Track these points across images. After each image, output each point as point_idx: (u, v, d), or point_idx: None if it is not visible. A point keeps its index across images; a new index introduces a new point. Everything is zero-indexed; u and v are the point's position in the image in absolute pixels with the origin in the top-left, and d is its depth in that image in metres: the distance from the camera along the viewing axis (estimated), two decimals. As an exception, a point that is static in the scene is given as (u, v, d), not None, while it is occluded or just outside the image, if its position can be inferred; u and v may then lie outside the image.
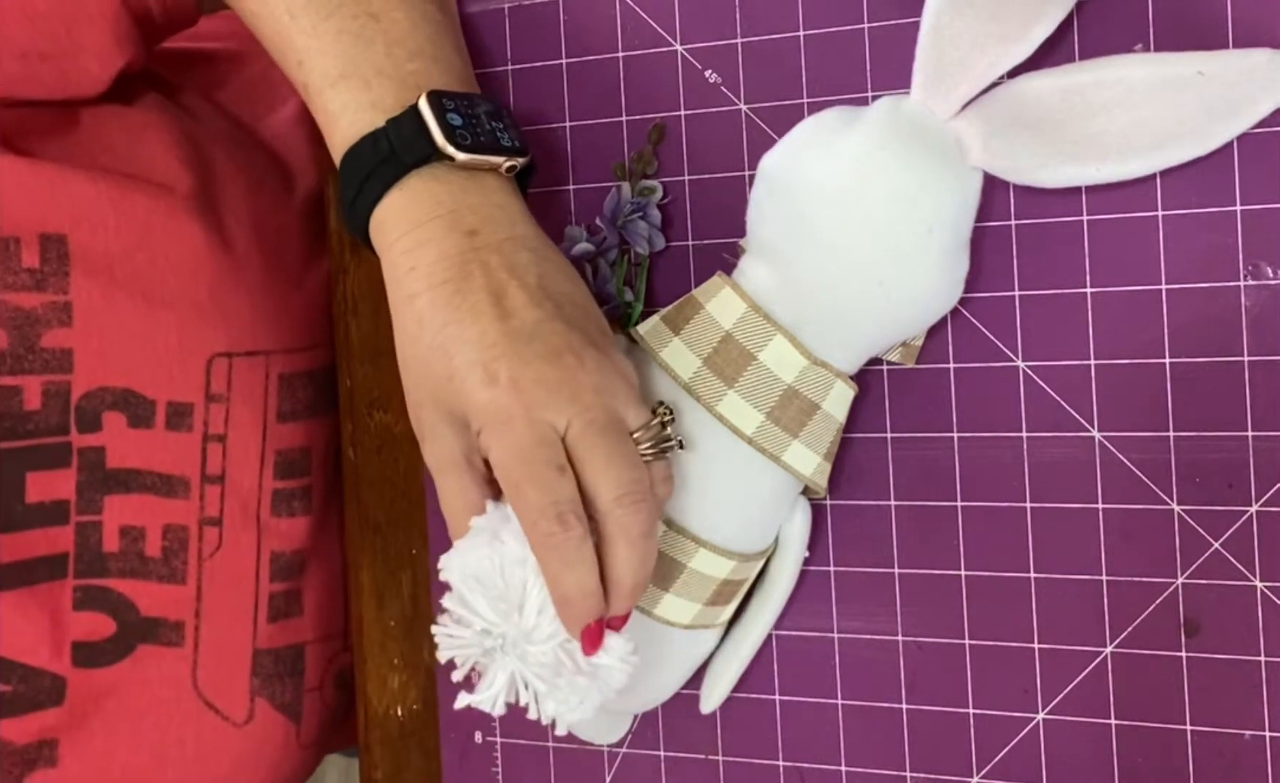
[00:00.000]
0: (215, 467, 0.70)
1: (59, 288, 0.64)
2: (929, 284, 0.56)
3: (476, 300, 0.53)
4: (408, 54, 0.58)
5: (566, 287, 0.56)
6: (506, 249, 0.55)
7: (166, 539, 0.68)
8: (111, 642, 0.66)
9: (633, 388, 0.54)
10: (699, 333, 0.58)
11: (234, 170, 0.74)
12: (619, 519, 0.51)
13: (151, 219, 0.67)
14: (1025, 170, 0.55)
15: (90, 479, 0.66)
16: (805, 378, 0.57)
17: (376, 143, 0.56)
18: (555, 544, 0.50)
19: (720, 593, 0.61)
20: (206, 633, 0.69)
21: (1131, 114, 0.53)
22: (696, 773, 0.67)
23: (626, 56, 0.66)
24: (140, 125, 0.71)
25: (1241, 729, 0.57)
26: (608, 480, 0.51)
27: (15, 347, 0.64)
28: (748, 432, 0.57)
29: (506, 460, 0.51)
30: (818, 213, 0.56)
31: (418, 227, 0.55)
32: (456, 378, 0.52)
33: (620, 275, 0.65)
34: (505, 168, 0.57)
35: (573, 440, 0.52)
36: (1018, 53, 0.54)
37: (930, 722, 0.62)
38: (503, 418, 0.51)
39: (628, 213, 0.64)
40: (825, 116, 0.57)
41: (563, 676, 0.52)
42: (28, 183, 0.65)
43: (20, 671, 0.65)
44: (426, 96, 0.56)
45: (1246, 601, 0.57)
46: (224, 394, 0.69)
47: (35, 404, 0.64)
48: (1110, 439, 0.58)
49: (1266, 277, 0.56)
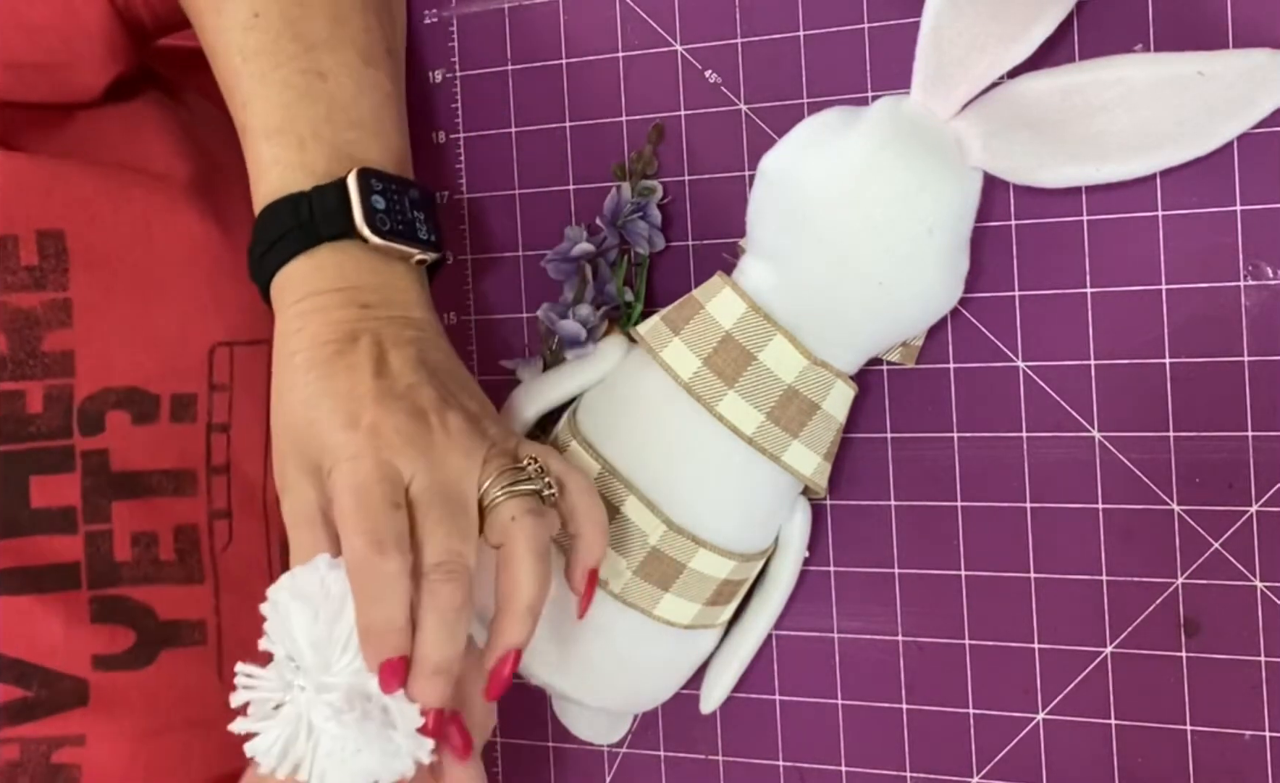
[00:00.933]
0: (220, 457, 0.70)
1: (58, 285, 0.64)
2: (929, 284, 0.56)
3: (355, 360, 0.54)
4: (349, 122, 0.59)
5: (448, 364, 0.57)
6: (396, 325, 0.56)
7: (179, 541, 0.68)
8: (132, 653, 0.66)
9: (493, 445, 0.54)
10: (699, 333, 0.58)
11: (232, 160, 0.74)
12: (432, 586, 0.50)
13: (149, 211, 0.67)
14: (1025, 170, 0.55)
15: (95, 484, 0.66)
16: (805, 378, 0.57)
17: (297, 207, 0.57)
18: (369, 571, 0.50)
19: (720, 593, 0.61)
20: (228, 627, 0.69)
21: (1132, 114, 0.53)
22: (696, 773, 0.67)
23: (626, 57, 0.66)
24: (137, 118, 0.71)
25: (1241, 729, 0.57)
26: (433, 544, 0.51)
27: (16, 352, 0.64)
28: (748, 432, 0.57)
29: (344, 493, 0.51)
30: (817, 213, 0.56)
31: (316, 294, 0.56)
32: (319, 423, 0.53)
33: (620, 275, 0.65)
34: (415, 260, 0.59)
35: (414, 495, 0.52)
36: (1017, 53, 0.54)
37: (930, 722, 0.62)
38: (352, 455, 0.52)
39: (628, 213, 0.64)
40: (825, 116, 0.57)
41: (352, 713, 0.50)
42: (24, 179, 0.65)
43: (41, 674, 0.64)
44: (356, 173, 0.57)
45: (1246, 600, 0.57)
46: (226, 384, 0.69)
47: (37, 408, 0.64)
48: (1110, 439, 0.58)
49: (1266, 277, 0.56)
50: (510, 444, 0.56)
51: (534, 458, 0.55)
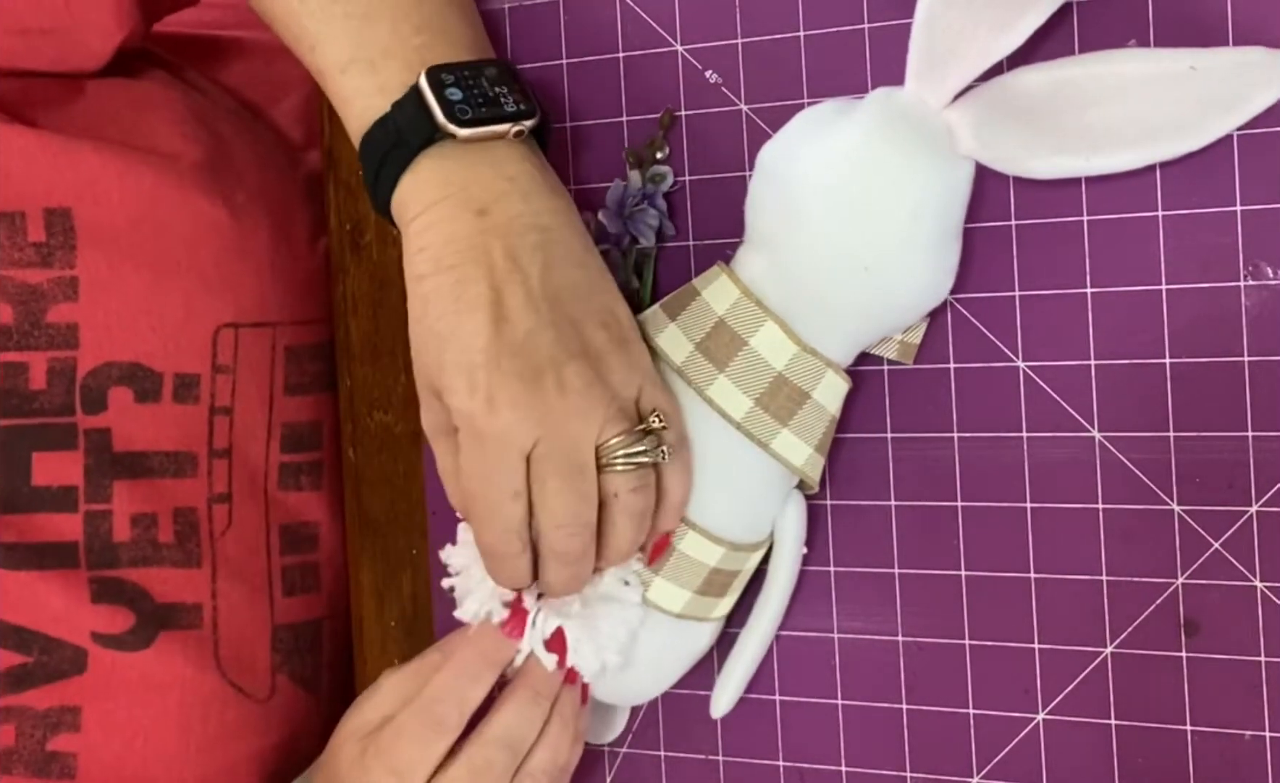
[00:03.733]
0: (222, 441, 0.70)
1: (65, 262, 0.65)
2: (916, 272, 0.56)
3: (476, 294, 0.54)
4: (413, 28, 0.58)
5: (571, 273, 0.56)
6: (515, 231, 0.55)
7: (178, 523, 0.68)
8: (131, 634, 0.66)
9: (613, 401, 0.55)
10: (693, 318, 0.59)
11: (240, 144, 0.74)
12: (552, 542, 0.55)
13: (157, 190, 0.67)
14: (1016, 160, 0.55)
15: (98, 463, 0.66)
16: (795, 365, 0.58)
17: (385, 127, 0.57)
18: (494, 554, 0.56)
19: (711, 583, 0.61)
20: (225, 612, 0.70)
21: (1124, 107, 0.53)
22: (696, 773, 0.67)
23: (627, 57, 0.66)
24: (146, 97, 0.71)
25: (1241, 729, 0.57)
26: (547, 511, 0.55)
27: (21, 322, 0.64)
28: (736, 417, 0.58)
29: (470, 473, 0.55)
30: (809, 201, 0.56)
31: (429, 207, 0.56)
32: (445, 373, 0.54)
33: (629, 264, 0.65)
34: (513, 133, 0.58)
35: (533, 462, 0.54)
36: (1008, 42, 0.54)
37: (930, 722, 0.62)
38: (474, 433, 0.54)
39: (634, 202, 0.64)
40: (821, 109, 0.58)
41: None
42: (32, 155, 0.65)
43: (41, 641, 0.64)
44: (425, 74, 0.57)
45: (1246, 600, 0.57)
46: (230, 365, 0.69)
47: (41, 383, 0.64)
48: (1110, 439, 0.58)
49: (1266, 277, 0.56)
50: (631, 391, 0.56)
51: (655, 412, 0.56)
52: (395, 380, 0.73)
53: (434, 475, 0.71)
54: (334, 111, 0.61)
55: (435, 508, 0.72)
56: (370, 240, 0.73)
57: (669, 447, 0.56)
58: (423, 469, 0.72)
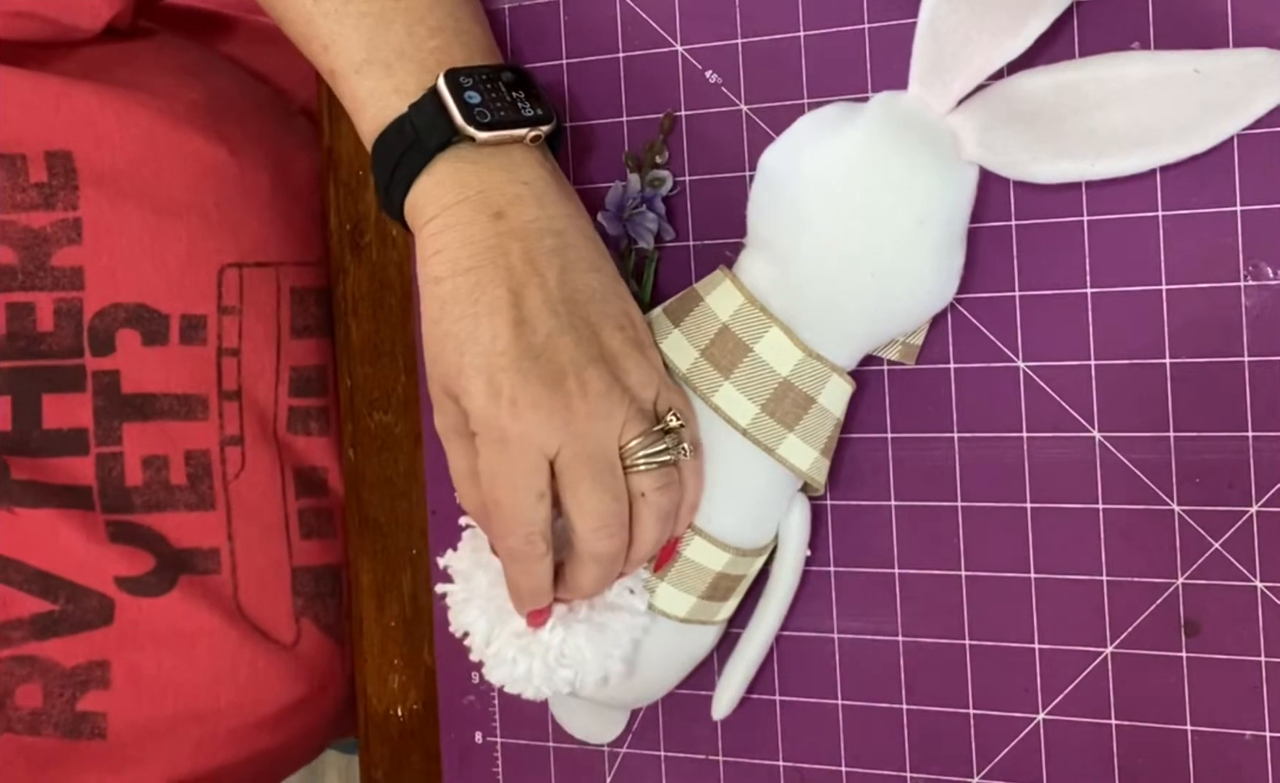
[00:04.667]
0: (231, 382, 0.70)
1: (69, 204, 0.65)
2: (921, 277, 0.56)
3: (495, 297, 0.54)
4: (429, 31, 0.58)
5: (587, 277, 0.56)
6: (532, 234, 0.56)
7: (190, 466, 0.68)
8: (154, 575, 0.66)
9: (632, 402, 0.55)
10: (697, 325, 0.58)
11: (237, 91, 0.74)
12: (590, 545, 0.55)
13: (156, 130, 0.67)
14: (1020, 165, 0.55)
15: (107, 406, 0.66)
16: (801, 371, 0.57)
17: (401, 129, 0.57)
18: (518, 558, 0.55)
19: (716, 587, 0.61)
20: (242, 555, 0.70)
21: (1128, 111, 0.53)
22: (696, 773, 0.67)
23: (627, 57, 0.66)
24: (141, 50, 0.72)
25: (1241, 729, 0.57)
26: (584, 513, 0.54)
27: (26, 264, 0.64)
28: (743, 424, 0.58)
29: (492, 475, 0.54)
30: (813, 205, 0.56)
31: (446, 210, 0.56)
32: (464, 376, 0.54)
33: (628, 266, 0.65)
34: (529, 138, 0.58)
35: (560, 466, 0.54)
36: (1013, 47, 0.54)
37: (930, 722, 0.62)
38: (496, 435, 0.54)
39: (633, 206, 0.64)
40: (824, 112, 0.57)
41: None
42: (31, 98, 0.65)
43: (68, 588, 0.64)
44: (444, 77, 0.57)
45: (1246, 601, 0.57)
46: (236, 306, 0.69)
47: (48, 325, 0.65)
48: (1110, 439, 0.58)
49: (1266, 277, 0.56)
50: (649, 392, 0.56)
51: (672, 411, 0.56)
52: (395, 380, 0.73)
53: (434, 476, 0.71)
54: (334, 111, 0.61)
55: (435, 508, 0.72)
56: (370, 240, 0.73)
57: (689, 445, 0.57)
58: (423, 469, 0.72)
